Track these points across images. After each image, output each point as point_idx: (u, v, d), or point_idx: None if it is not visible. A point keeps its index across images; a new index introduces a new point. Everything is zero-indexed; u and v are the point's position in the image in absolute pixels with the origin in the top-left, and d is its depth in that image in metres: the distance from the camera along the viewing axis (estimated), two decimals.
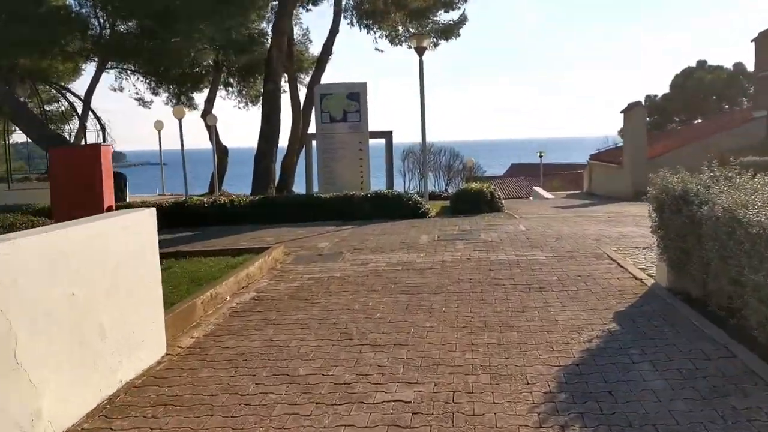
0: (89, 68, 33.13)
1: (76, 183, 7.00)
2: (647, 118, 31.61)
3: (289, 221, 13.02)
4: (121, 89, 34.52)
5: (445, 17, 25.66)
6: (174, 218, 13.12)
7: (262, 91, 22.04)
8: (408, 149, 27.07)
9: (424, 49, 14.33)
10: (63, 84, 37.35)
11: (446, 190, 26.84)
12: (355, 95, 14.92)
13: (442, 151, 27.05)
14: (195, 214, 13.21)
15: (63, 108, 29.27)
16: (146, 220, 4.91)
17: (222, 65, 30.80)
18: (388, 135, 21.82)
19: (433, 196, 21.38)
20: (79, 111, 28.38)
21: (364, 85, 15.09)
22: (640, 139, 21.39)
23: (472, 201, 13.82)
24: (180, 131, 22.16)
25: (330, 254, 8.96)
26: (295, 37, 28.51)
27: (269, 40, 22.80)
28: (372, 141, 15.61)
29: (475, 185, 14.65)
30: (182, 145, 22.60)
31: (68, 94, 27.25)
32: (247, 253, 8.60)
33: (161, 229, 6.32)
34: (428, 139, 15.70)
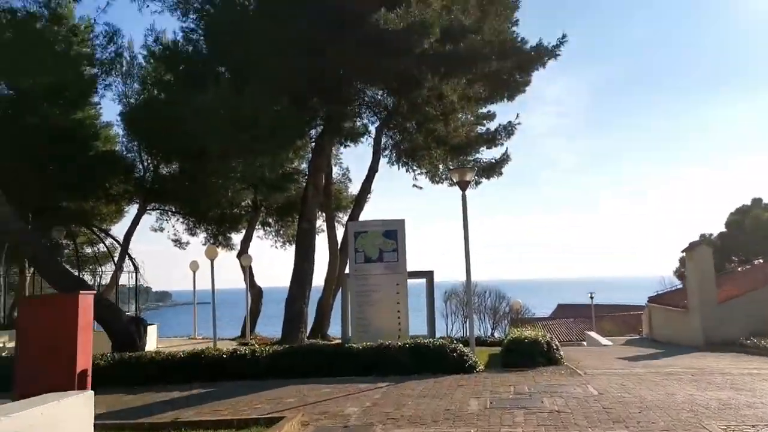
0: (131, 210, 33.48)
1: (44, 340, 5.64)
2: None
3: (317, 375, 11.39)
4: (162, 229, 34.57)
5: (487, 154, 25.01)
6: (190, 371, 11.64)
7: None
8: (450, 290, 25.49)
9: (468, 183, 13.22)
10: (104, 227, 37.83)
11: (492, 334, 24.84)
12: (392, 233, 13.72)
13: (487, 293, 25.45)
14: (213, 366, 11.70)
15: (99, 250, 28.87)
16: (74, 413, 3.43)
17: (260, 205, 30.53)
18: (429, 275, 20.35)
19: (480, 342, 19.48)
20: (115, 252, 27.87)
21: (401, 223, 13.92)
22: (708, 281, 19.43)
23: (527, 352, 12.00)
24: (212, 272, 21.20)
25: (357, 426, 7.23)
26: (334, 175, 28.26)
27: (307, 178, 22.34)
28: (411, 281, 14.19)
29: (528, 333, 12.86)
30: (213, 286, 21.52)
31: (100, 236, 26.76)
32: (255, 426, 6.94)
33: (175, 384, 5.01)
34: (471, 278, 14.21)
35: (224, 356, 11.77)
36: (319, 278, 25.93)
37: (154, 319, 21.45)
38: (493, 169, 25.15)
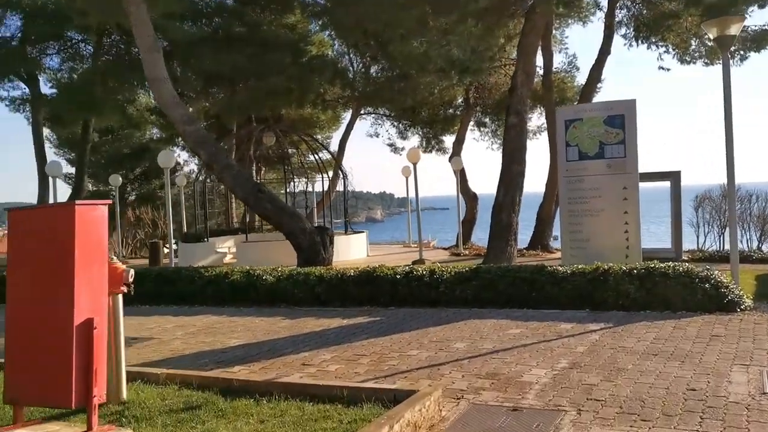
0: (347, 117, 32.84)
1: (37, 261, 3.79)
2: None
3: (510, 303, 8.82)
4: (377, 135, 33.66)
5: (757, 17, 19.14)
6: (361, 292, 9.78)
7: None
8: (703, 194, 20.70)
9: (731, 39, 9.10)
10: (324, 134, 38.03)
11: (759, 247, 19.82)
12: (618, 120, 10.17)
13: (754, 197, 20.21)
14: (385, 287, 9.70)
15: (319, 158, 28.58)
16: None
17: (474, 103, 27.71)
18: (674, 177, 16.24)
19: (743, 258, 15.17)
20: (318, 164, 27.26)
21: (631, 105, 10.28)
22: None
23: None
24: (414, 176, 19.26)
25: (532, 413, 4.57)
26: (557, 64, 24.31)
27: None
28: (644, 186, 10.65)
29: None
30: (416, 191, 19.64)
31: (312, 144, 26.13)
32: (376, 400, 4.62)
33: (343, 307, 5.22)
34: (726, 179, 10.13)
35: (398, 276, 9.66)
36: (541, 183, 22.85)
37: (397, 224, 20.06)
38: (765, 38, 19.32)
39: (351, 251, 20.99)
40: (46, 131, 37.25)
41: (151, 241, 20.25)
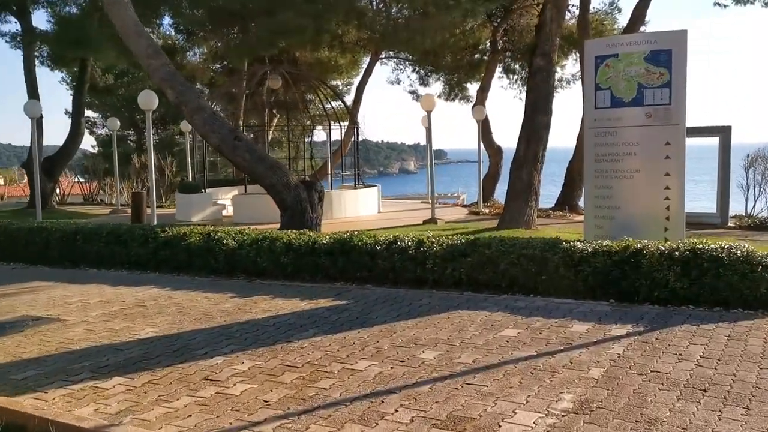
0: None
1: None
2: None
3: (512, 288, 6.98)
4: (398, 81, 31.42)
5: None
6: (337, 261, 8.00)
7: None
8: (756, 153, 18.27)
9: None
10: (343, 81, 35.82)
11: None
12: (663, 56, 7.98)
13: None
14: (363, 260, 7.88)
15: (334, 107, 26.51)
16: None
17: (504, 48, 25.22)
18: (724, 132, 14.02)
19: None
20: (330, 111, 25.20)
21: (680, 37, 8.06)
22: None
23: None
24: (428, 125, 17.28)
25: None
26: (597, 4, 21.68)
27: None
28: (691, 142, 8.53)
29: None
30: (429, 142, 17.73)
31: (325, 90, 24.04)
32: None
33: (312, 281, 6.06)
34: None
35: (378, 248, 7.82)
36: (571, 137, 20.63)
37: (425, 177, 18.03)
38: None
39: (360, 207, 19.21)
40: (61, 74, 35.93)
41: (133, 191, 18.69)
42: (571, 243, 7.04)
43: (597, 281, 6.59)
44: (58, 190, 30.93)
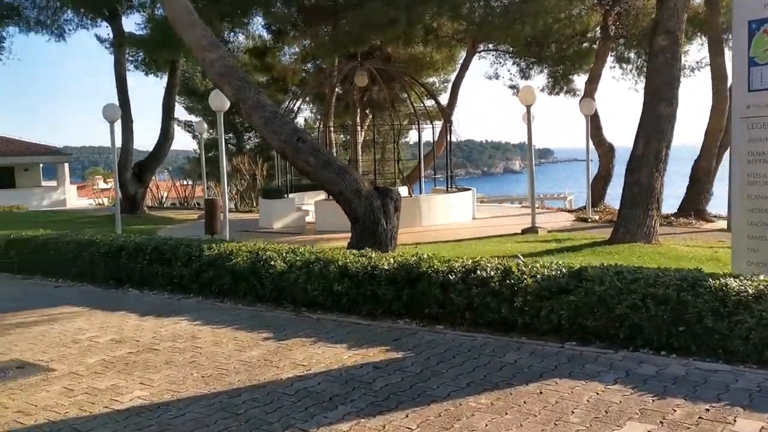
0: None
1: None
2: None
3: (634, 341, 5.03)
4: (497, 76, 29.27)
5: None
6: (401, 293, 6.34)
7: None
8: None
9: None
10: (439, 77, 34.03)
11: None
12: None
13: None
14: (433, 292, 6.14)
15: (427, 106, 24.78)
16: None
17: (616, 34, 22.53)
18: None
19: None
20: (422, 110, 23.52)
21: None
22: None
23: None
24: (528, 120, 15.22)
25: None
26: None
27: None
28: None
29: None
30: (529, 138, 15.62)
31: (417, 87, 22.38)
32: None
33: (361, 311, 5.40)
34: None
35: (452, 277, 6.04)
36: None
37: (536, 176, 16.11)
38: None
39: (451, 213, 17.43)
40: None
41: (206, 198, 17.83)
42: (722, 279, 4.98)
43: (764, 339, 4.51)
44: (155, 194, 31.21)
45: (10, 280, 10.31)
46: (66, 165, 40.00)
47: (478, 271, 6.03)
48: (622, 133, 20.63)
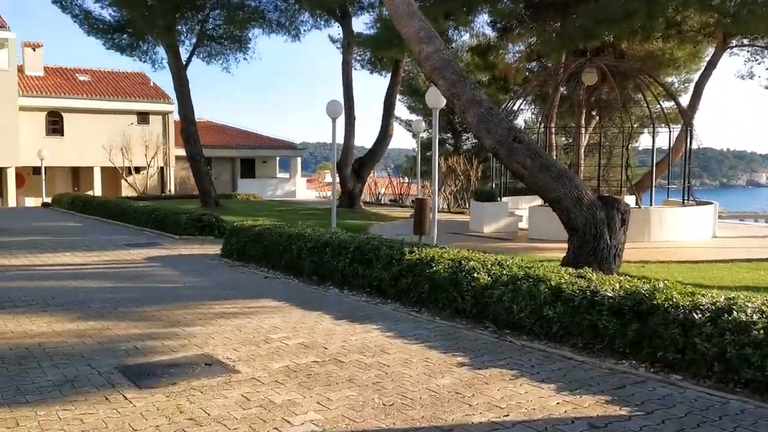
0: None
1: None
2: None
3: None
4: (751, 76, 25.55)
5: None
6: (626, 329, 5.25)
7: None
8: None
9: None
10: (680, 77, 30.72)
11: None
12: None
13: None
14: (668, 331, 4.94)
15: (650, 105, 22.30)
16: None
17: None
18: None
19: None
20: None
21: None
22: None
23: None
24: None
25: None
26: None
27: None
28: None
29: None
30: None
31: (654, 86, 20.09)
32: None
33: (575, 343, 4.90)
34: None
35: (696, 315, 4.75)
36: None
37: None
38: None
39: (687, 230, 15.27)
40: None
41: (417, 197, 17.45)
42: None
43: None
44: (373, 189, 32.18)
45: (229, 266, 10.75)
46: (298, 159, 43.16)
47: (735, 313, 4.69)
48: None
